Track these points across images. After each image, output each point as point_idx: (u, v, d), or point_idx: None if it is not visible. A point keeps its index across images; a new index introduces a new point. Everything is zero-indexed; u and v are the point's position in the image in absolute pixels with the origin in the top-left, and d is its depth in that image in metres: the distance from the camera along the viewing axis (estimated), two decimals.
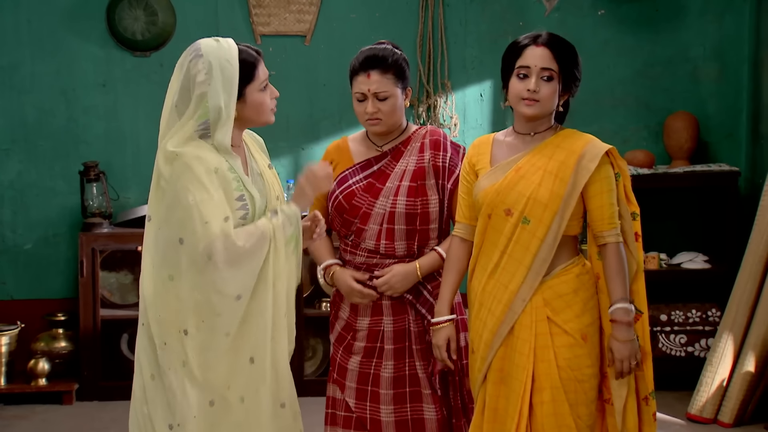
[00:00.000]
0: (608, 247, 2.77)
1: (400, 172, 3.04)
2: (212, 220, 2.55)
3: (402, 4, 5.37)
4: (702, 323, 5.04)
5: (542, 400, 2.73)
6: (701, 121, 5.33)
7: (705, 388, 4.64)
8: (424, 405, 3.05)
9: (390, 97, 2.99)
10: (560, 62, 2.75)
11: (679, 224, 5.43)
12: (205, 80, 2.60)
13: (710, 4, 5.40)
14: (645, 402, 2.84)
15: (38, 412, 4.92)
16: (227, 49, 2.64)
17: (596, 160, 2.72)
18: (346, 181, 3.07)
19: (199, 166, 2.57)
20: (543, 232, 2.72)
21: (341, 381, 3.10)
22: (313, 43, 5.33)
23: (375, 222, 3.02)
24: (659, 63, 5.42)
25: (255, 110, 2.72)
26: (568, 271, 2.78)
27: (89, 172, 5.12)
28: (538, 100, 2.75)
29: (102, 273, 5.09)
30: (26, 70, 5.27)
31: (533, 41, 2.77)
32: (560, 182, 2.72)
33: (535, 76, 2.74)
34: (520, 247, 2.75)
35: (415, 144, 3.08)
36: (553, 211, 2.72)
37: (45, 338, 5.13)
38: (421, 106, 5.36)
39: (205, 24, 5.25)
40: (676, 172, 5.12)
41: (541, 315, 2.75)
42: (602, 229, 2.76)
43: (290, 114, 5.27)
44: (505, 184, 2.77)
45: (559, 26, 5.34)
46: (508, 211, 2.76)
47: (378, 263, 3.05)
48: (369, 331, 3.06)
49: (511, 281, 2.76)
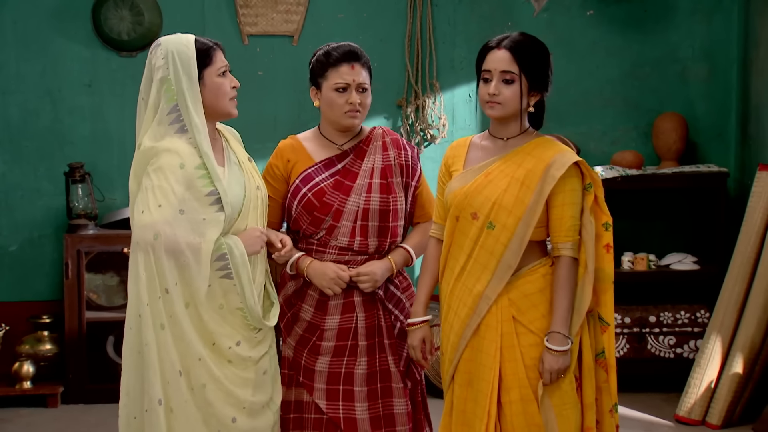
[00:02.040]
0: (561, 260, 2.76)
1: (369, 169, 3.08)
2: (165, 206, 2.69)
3: (390, 4, 5.35)
4: (691, 324, 5.03)
5: (511, 400, 2.75)
6: (690, 121, 5.33)
7: (693, 390, 4.64)
8: (395, 399, 3.10)
9: (367, 90, 3.09)
10: (522, 64, 2.76)
11: (668, 225, 5.43)
12: (164, 65, 2.76)
13: (699, 5, 5.40)
14: (611, 414, 2.83)
15: (23, 416, 4.88)
16: (184, 37, 2.81)
17: (562, 169, 2.72)
18: (311, 180, 3.07)
19: (166, 158, 2.71)
20: (507, 237, 2.73)
21: (309, 383, 3.08)
22: (300, 43, 5.30)
23: (348, 219, 3.04)
24: (648, 63, 5.42)
25: (214, 94, 2.81)
26: (534, 271, 2.78)
27: (75, 173, 5.09)
28: (499, 102, 2.78)
29: (87, 275, 5.05)
30: (11, 71, 5.23)
31: (496, 45, 2.80)
32: (526, 189, 2.73)
33: (495, 80, 2.77)
34: (485, 251, 2.76)
35: (377, 143, 3.13)
36: (517, 218, 2.73)
37: (30, 341, 5.09)
38: (409, 106, 5.34)
39: (192, 24, 5.21)
40: (665, 172, 5.12)
41: (507, 315, 2.76)
42: (557, 240, 2.77)
43: (278, 114, 5.25)
44: (473, 187, 2.79)
45: (547, 27, 5.35)
46: (474, 215, 2.78)
47: (350, 260, 3.07)
48: (339, 330, 3.07)
49: (476, 285, 2.78)
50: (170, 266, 2.72)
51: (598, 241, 2.80)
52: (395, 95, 5.37)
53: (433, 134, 5.36)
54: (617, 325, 5.01)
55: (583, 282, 2.77)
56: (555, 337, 2.72)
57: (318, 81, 3.09)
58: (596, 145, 5.42)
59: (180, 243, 2.71)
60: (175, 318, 2.75)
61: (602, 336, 2.82)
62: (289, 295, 3.14)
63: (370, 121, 5.34)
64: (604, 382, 2.82)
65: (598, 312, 2.83)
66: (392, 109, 5.39)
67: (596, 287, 2.82)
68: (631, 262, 5.16)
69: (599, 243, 2.80)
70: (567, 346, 2.72)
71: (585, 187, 2.78)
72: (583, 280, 2.77)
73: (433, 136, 5.36)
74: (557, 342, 2.71)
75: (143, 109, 2.81)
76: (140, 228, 2.71)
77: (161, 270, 2.72)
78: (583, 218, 2.78)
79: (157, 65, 2.77)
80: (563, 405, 2.75)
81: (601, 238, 2.80)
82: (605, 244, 2.80)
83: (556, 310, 2.74)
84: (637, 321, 5.04)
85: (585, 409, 2.80)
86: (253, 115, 5.22)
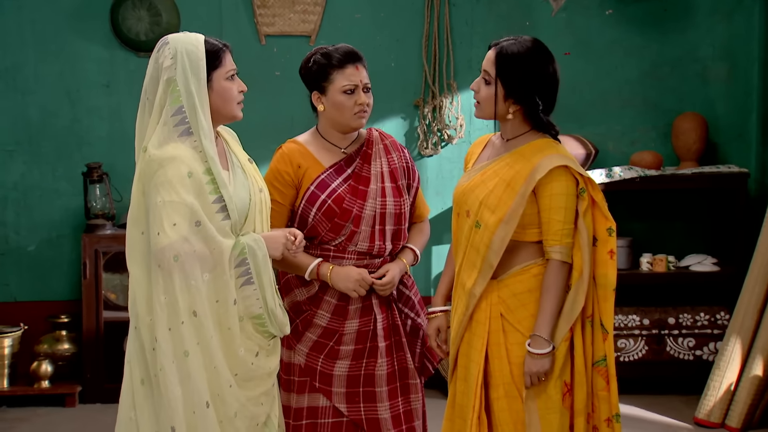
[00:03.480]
0: (550, 263, 2.74)
1: (378, 173, 3.07)
2: (180, 222, 2.57)
3: (407, 3, 5.33)
4: (710, 326, 5.00)
5: (497, 396, 2.77)
6: (710, 121, 5.29)
7: (713, 392, 4.61)
8: (412, 395, 3.14)
9: (371, 89, 3.08)
10: (499, 69, 2.74)
11: (688, 226, 5.39)
12: (171, 65, 2.64)
13: (719, 4, 5.36)
14: (607, 423, 2.77)
15: (41, 415, 4.90)
16: (193, 37, 2.70)
17: (543, 172, 2.68)
18: (327, 186, 3.04)
19: (173, 169, 2.59)
20: (489, 237, 2.73)
21: (326, 388, 3.06)
22: (318, 43, 5.28)
23: (367, 224, 3.03)
24: (667, 63, 5.38)
25: (221, 98, 2.72)
26: (526, 271, 2.77)
27: (92, 174, 5.10)
28: (478, 101, 2.81)
29: (105, 275, 5.07)
30: (30, 71, 5.25)
31: (493, 44, 2.81)
32: (511, 191, 2.72)
33: (480, 77, 2.80)
34: (473, 249, 2.78)
35: (378, 146, 3.11)
36: (498, 218, 2.72)
37: (48, 340, 5.12)
38: (426, 106, 5.32)
39: (209, 24, 5.22)
40: (684, 173, 5.09)
41: (495, 312, 2.77)
42: (546, 243, 2.74)
43: (295, 114, 5.23)
44: (470, 186, 2.82)
45: (566, 26, 5.33)
46: (468, 213, 2.81)
47: (368, 264, 3.06)
48: (358, 333, 3.06)
49: (467, 282, 2.80)
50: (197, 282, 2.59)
51: (602, 246, 2.75)
52: (412, 95, 5.35)
53: (451, 134, 5.34)
54: (636, 326, 4.99)
55: (577, 287, 2.72)
56: (536, 340, 2.71)
57: (322, 85, 3.04)
58: (615, 145, 5.39)
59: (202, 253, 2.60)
60: (205, 342, 2.62)
61: (603, 343, 2.76)
62: (298, 301, 3.10)
63: (387, 121, 5.35)
64: (602, 390, 2.76)
65: (600, 318, 2.77)
66: (409, 110, 5.38)
67: (597, 293, 2.76)
68: (649, 263, 5.12)
69: (603, 248, 2.75)
70: (547, 349, 2.70)
71: (578, 192, 2.73)
72: (576, 286, 2.73)
73: (451, 137, 5.35)
74: (537, 345, 2.70)
75: (147, 110, 2.68)
76: (159, 251, 2.56)
77: (186, 291, 2.59)
78: (578, 223, 2.73)
79: (165, 65, 2.64)
80: (547, 409, 2.73)
81: (605, 243, 2.74)
82: (609, 249, 2.75)
83: (540, 312, 2.73)
84: (656, 323, 5.01)
85: (576, 414, 2.76)
86: (270, 115, 5.23)
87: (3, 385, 5.00)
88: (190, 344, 2.59)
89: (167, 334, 2.58)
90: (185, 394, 2.58)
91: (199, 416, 2.60)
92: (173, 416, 2.58)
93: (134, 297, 2.65)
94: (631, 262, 5.14)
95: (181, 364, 2.58)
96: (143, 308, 2.63)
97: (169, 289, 2.58)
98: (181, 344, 2.58)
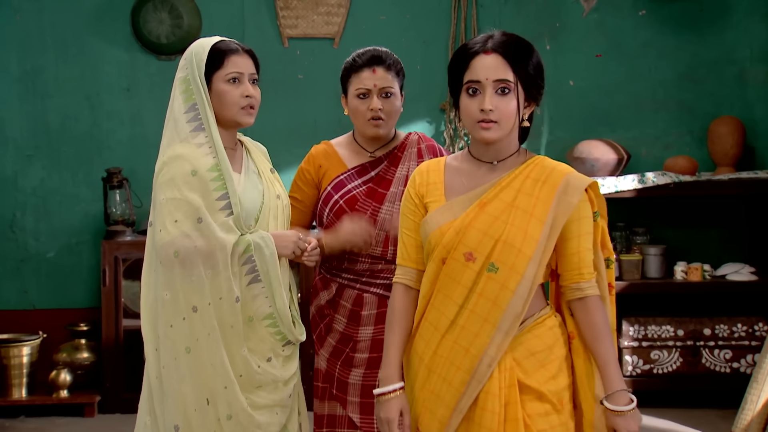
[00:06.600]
0: (589, 301, 2.32)
1: (403, 177, 3.01)
2: (182, 219, 2.62)
3: (434, 4, 5.27)
4: (748, 338, 4.90)
5: None
6: (747, 125, 5.18)
7: (750, 406, 4.47)
8: None
9: (393, 94, 2.99)
10: (517, 70, 2.28)
11: (724, 234, 5.28)
12: (184, 65, 2.75)
13: (757, 4, 5.26)
14: None
15: (59, 425, 4.85)
16: (206, 39, 2.78)
17: (578, 194, 2.28)
18: (343, 186, 3.01)
19: (176, 167, 2.64)
20: (515, 282, 2.25)
21: (342, 396, 3.02)
22: (341, 45, 5.23)
23: (381, 228, 2.97)
24: (703, 65, 5.28)
25: (219, 101, 2.74)
26: (541, 324, 2.34)
27: (112, 179, 5.05)
28: (496, 120, 2.28)
29: (125, 282, 5.01)
30: (50, 75, 5.23)
31: (482, 47, 2.29)
32: (536, 221, 2.27)
33: (488, 92, 2.28)
34: (486, 300, 2.27)
35: (412, 149, 3.05)
36: (527, 257, 2.25)
37: (67, 349, 5.07)
38: (453, 110, 5.22)
39: (232, 26, 5.18)
40: (720, 179, 4.99)
41: (512, 379, 2.28)
42: (579, 279, 2.31)
43: (318, 118, 5.19)
44: (467, 222, 2.30)
45: (597, 27, 5.29)
46: (470, 256, 2.28)
47: (383, 269, 2.99)
48: (372, 341, 3.00)
49: (473, 344, 2.27)
50: (198, 278, 2.62)
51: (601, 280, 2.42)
52: (439, 99, 5.27)
53: None
54: (670, 337, 4.90)
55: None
56: (620, 397, 2.30)
57: (346, 88, 3.04)
58: (648, 150, 5.29)
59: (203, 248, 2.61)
60: (204, 339, 2.63)
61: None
62: (322, 305, 3.07)
63: (413, 125, 5.25)
64: None
65: None
66: (435, 113, 5.30)
67: None
68: (684, 272, 5.02)
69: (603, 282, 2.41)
70: (635, 403, 2.30)
71: (593, 215, 2.36)
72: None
73: None
74: (624, 400, 2.29)
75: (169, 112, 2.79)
76: (161, 247, 2.62)
77: (187, 287, 2.62)
78: (595, 250, 2.37)
79: (180, 65, 2.77)
80: None
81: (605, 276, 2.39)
82: (608, 283, 2.38)
83: (607, 364, 2.30)
84: (691, 334, 4.89)
85: None
86: (294, 119, 5.21)
87: (21, 394, 4.95)
88: (191, 340, 2.62)
89: (169, 330, 2.63)
90: (188, 392, 2.62)
91: (200, 414, 2.63)
92: (176, 414, 2.62)
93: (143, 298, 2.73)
94: (664, 271, 5.05)
95: (183, 361, 2.62)
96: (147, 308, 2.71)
97: (170, 284, 2.62)
98: (182, 340, 2.62)
